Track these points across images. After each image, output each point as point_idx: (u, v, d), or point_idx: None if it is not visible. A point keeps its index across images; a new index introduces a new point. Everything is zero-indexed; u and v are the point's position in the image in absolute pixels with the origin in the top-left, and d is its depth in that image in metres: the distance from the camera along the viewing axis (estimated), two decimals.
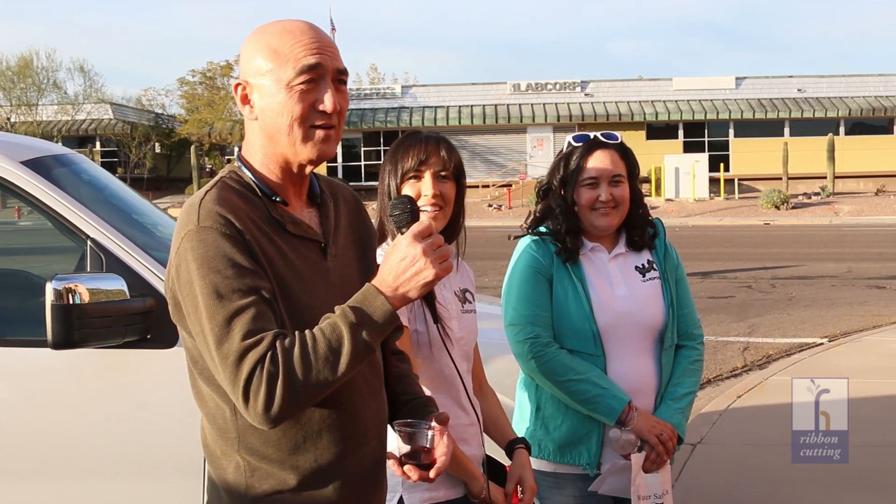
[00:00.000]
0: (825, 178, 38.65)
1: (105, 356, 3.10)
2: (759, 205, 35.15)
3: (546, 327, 2.81)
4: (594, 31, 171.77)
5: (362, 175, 41.38)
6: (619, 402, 2.76)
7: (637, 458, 2.78)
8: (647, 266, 2.92)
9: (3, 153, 3.29)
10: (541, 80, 44.10)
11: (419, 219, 1.82)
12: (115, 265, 3.15)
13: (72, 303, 2.87)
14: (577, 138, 2.92)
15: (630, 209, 2.90)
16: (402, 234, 1.78)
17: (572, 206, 2.88)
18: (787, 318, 11.01)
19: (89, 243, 3.19)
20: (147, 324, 3.07)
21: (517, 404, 3.02)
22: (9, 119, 44.53)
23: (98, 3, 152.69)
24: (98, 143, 46.82)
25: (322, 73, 1.80)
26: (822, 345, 9.35)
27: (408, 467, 1.85)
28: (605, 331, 2.81)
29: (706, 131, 43.27)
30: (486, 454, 2.51)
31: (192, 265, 1.71)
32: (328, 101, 1.80)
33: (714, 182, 38.90)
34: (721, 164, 39.71)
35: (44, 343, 2.92)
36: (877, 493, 5.18)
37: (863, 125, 43.11)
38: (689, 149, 41.94)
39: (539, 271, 2.85)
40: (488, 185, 40.83)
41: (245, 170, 1.86)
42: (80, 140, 46.01)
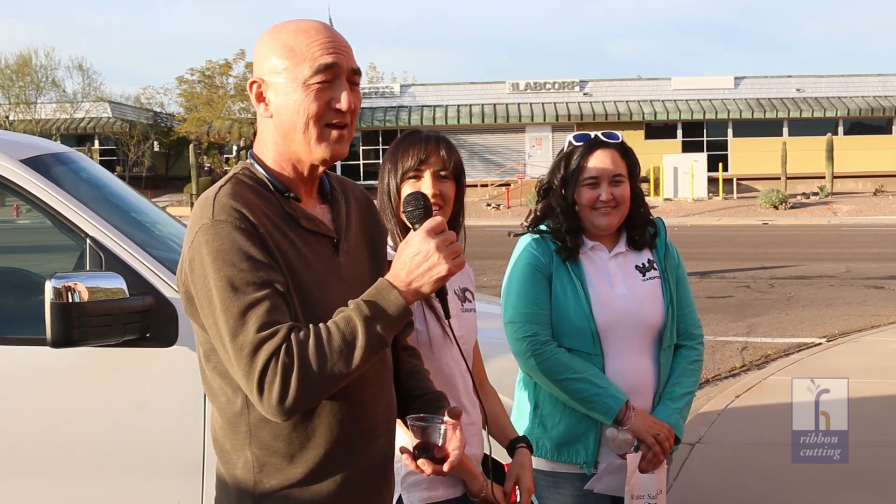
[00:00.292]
0: (824, 178, 38.65)
1: (104, 355, 3.09)
2: (758, 205, 35.15)
3: (545, 326, 2.81)
4: (593, 30, 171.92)
5: (361, 174, 41.34)
6: (617, 401, 2.75)
7: (633, 458, 2.78)
8: (647, 265, 2.92)
9: (2, 151, 3.29)
10: (539, 79, 44.08)
11: (432, 215, 1.85)
12: (114, 264, 3.15)
13: (71, 301, 2.87)
14: (577, 138, 2.92)
15: (631, 208, 2.90)
16: (415, 229, 1.80)
17: (573, 206, 2.88)
18: (785, 318, 11.02)
19: (88, 242, 3.19)
20: (146, 322, 3.07)
21: (516, 403, 3.02)
22: (7, 117, 44.51)
23: (97, 2, 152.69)
24: (96, 142, 46.73)
25: (338, 72, 1.83)
26: (821, 345, 9.35)
27: (421, 461, 1.86)
28: (603, 330, 2.81)
29: (705, 131, 43.27)
30: (486, 453, 2.51)
31: (207, 258, 1.72)
32: (344, 100, 1.82)
33: (713, 182, 38.89)
34: (720, 164, 39.71)
35: (43, 341, 2.92)
36: (877, 493, 5.18)
37: (861, 125, 43.11)
38: (687, 148, 41.93)
39: (539, 269, 2.84)
40: (487, 185, 40.83)
41: (257, 167, 1.88)
42: (79, 138, 45.93)
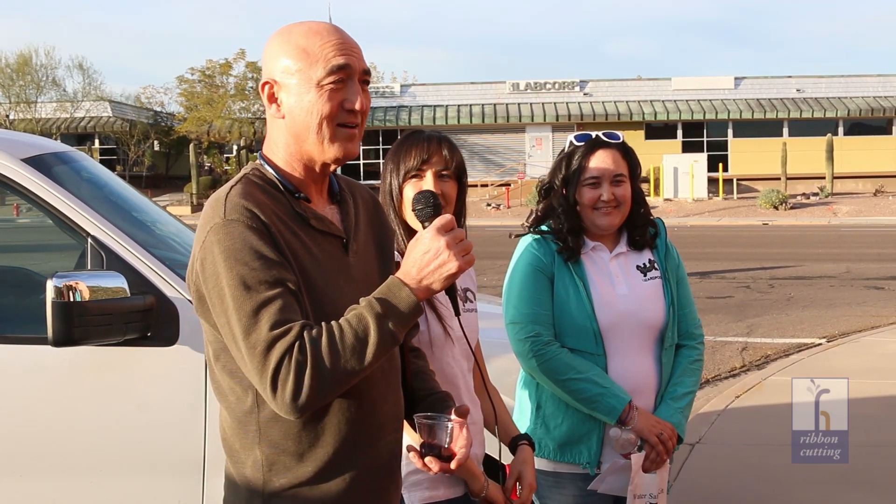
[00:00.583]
0: (824, 178, 38.66)
1: (105, 354, 3.09)
2: (758, 205, 35.16)
3: (547, 326, 2.81)
4: (593, 30, 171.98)
5: (361, 174, 41.33)
6: (620, 401, 2.76)
7: (637, 458, 2.78)
8: (648, 265, 2.92)
9: (3, 150, 3.29)
10: (540, 79, 44.12)
11: (441, 213, 1.86)
12: (115, 263, 3.14)
13: (72, 300, 2.86)
14: (578, 138, 2.92)
15: (632, 208, 2.91)
16: (424, 227, 1.81)
17: (574, 206, 2.88)
18: (785, 319, 11.02)
19: (90, 241, 3.19)
20: (147, 321, 3.07)
21: (517, 403, 3.02)
22: (8, 116, 44.51)
23: (98, 2, 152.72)
24: (97, 141, 46.74)
25: (350, 73, 1.85)
26: (821, 345, 9.36)
27: (428, 459, 1.87)
28: (605, 330, 2.81)
29: (705, 131, 43.29)
30: (486, 452, 2.51)
31: (219, 257, 1.73)
32: (357, 101, 1.84)
33: (713, 182, 38.90)
34: (720, 164, 39.72)
35: (44, 340, 2.92)
36: (877, 493, 5.18)
37: (862, 125, 43.13)
38: (687, 149, 41.94)
39: (540, 270, 2.85)
40: (487, 185, 40.83)
41: (267, 167, 1.89)
42: (79, 138, 45.93)
